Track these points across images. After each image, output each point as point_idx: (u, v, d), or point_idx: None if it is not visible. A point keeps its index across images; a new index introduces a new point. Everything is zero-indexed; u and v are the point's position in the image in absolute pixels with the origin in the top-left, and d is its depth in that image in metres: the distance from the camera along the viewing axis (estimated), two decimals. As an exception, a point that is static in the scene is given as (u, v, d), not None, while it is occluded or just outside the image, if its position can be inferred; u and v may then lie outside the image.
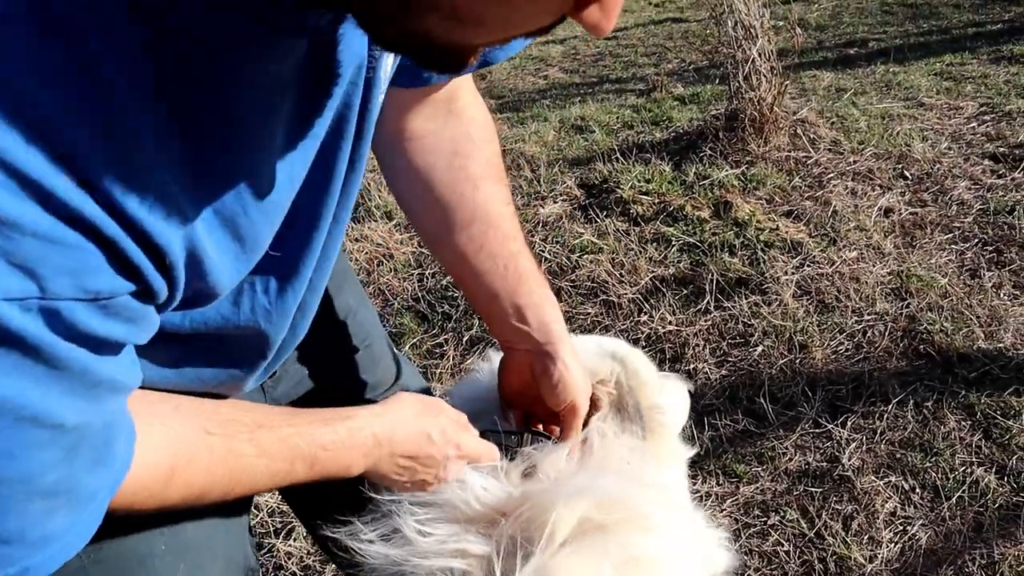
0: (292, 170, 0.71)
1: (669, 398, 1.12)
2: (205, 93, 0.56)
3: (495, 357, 1.14)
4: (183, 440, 0.72)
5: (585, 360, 1.06)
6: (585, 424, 1.07)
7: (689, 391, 1.23)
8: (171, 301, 0.62)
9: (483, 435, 1.00)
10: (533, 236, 3.03)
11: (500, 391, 1.10)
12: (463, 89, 1.06)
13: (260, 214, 0.67)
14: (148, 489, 0.68)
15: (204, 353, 0.82)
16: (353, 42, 0.69)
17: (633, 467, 1.00)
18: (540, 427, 1.09)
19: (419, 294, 2.89)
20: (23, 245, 0.48)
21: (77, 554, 0.61)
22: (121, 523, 0.76)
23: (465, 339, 2.65)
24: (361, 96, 0.75)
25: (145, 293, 0.58)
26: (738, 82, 3.52)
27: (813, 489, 2.01)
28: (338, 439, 0.84)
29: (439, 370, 2.55)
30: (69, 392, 0.55)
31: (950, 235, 2.95)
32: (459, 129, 1.06)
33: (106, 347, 0.57)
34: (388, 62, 0.79)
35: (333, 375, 1.18)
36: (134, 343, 0.61)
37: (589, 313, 2.65)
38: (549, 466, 0.96)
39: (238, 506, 1.01)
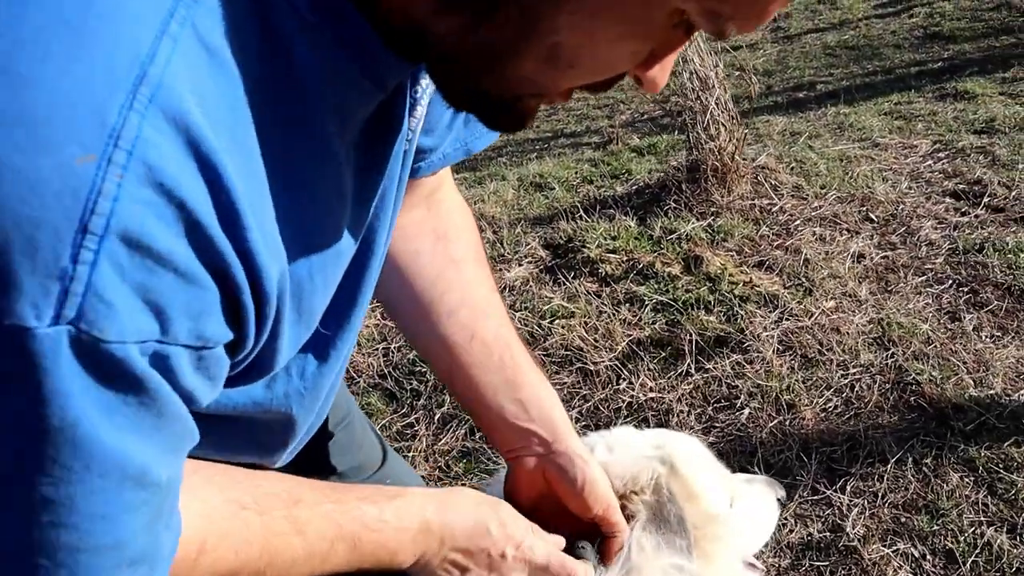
0: (347, 240, 0.65)
1: (746, 510, 0.97)
2: (304, 139, 0.55)
3: (502, 471, 1.01)
4: (216, 513, 0.66)
5: (625, 462, 0.93)
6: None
7: (780, 499, 1.06)
8: (244, 359, 0.59)
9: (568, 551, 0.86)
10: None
11: (518, 500, 0.96)
12: (446, 180, 0.99)
13: (321, 282, 0.62)
14: (177, 565, 0.61)
15: (223, 436, 0.71)
16: (400, 112, 0.66)
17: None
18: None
19: (385, 370, 2.74)
20: (163, 281, 0.46)
21: None
22: None
23: (437, 417, 2.50)
24: (399, 170, 0.72)
25: (235, 345, 0.55)
26: (697, 132, 3.48)
27: (820, 563, 1.89)
28: (385, 519, 0.74)
29: (412, 452, 2.39)
30: (166, 446, 0.52)
31: (924, 278, 2.91)
32: (441, 216, 0.99)
33: (187, 403, 0.54)
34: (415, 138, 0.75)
35: (312, 459, 1.04)
36: (200, 405, 0.56)
37: (566, 383, 2.53)
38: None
39: None
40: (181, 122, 0.45)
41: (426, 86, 0.70)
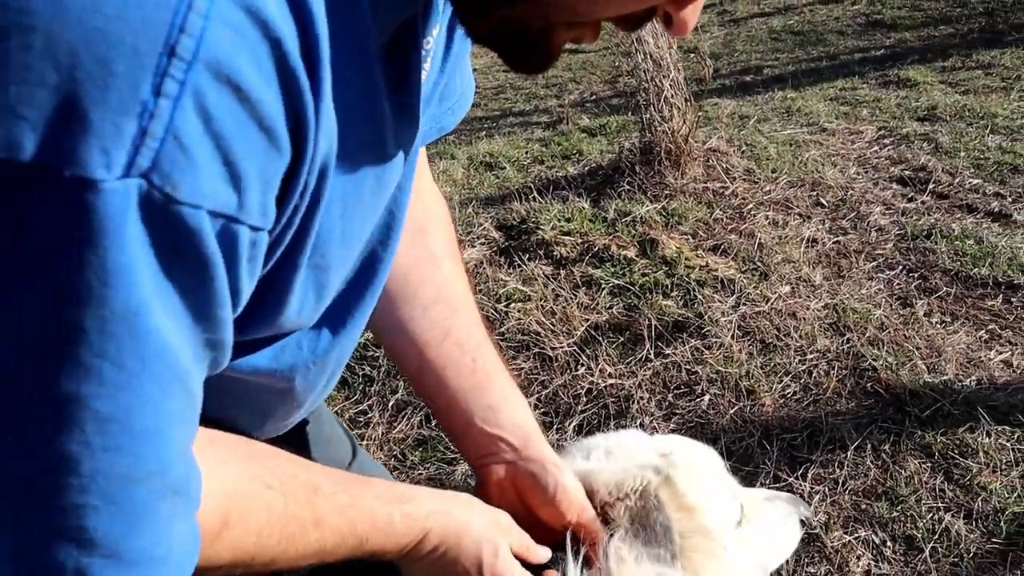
0: (376, 199, 0.61)
1: (763, 528, 0.92)
2: (359, 55, 0.49)
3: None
4: (239, 490, 0.59)
5: (613, 469, 0.87)
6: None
7: (805, 519, 1.00)
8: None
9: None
10: (454, 285, 2.85)
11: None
12: (424, 169, 0.94)
13: (340, 233, 0.56)
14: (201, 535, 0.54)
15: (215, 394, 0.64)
16: (417, 61, 0.60)
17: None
18: None
19: (334, 355, 2.64)
20: (248, 137, 0.39)
21: None
22: None
23: (391, 403, 2.43)
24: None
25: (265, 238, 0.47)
26: (651, 114, 3.45)
27: (783, 551, 1.88)
28: (393, 523, 0.70)
29: (366, 440, 2.31)
30: (202, 353, 0.45)
31: (875, 263, 2.93)
32: (419, 206, 0.91)
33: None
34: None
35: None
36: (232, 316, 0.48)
37: (523, 368, 2.48)
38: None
39: None
40: None
41: (430, 45, 0.63)
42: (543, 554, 0.84)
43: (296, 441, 0.99)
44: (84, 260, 0.36)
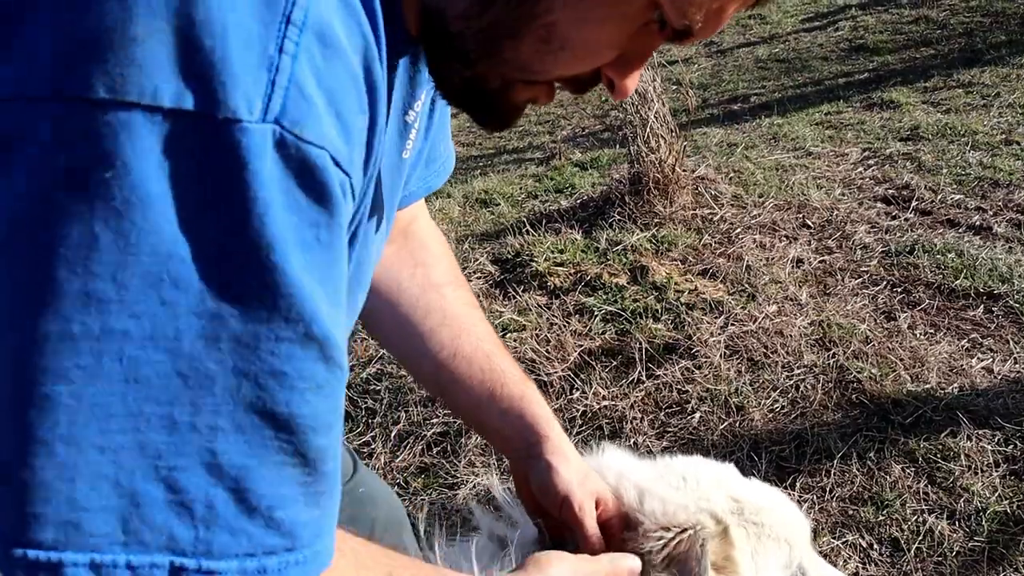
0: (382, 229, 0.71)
1: None
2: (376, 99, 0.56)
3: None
4: None
5: (681, 497, 0.91)
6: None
7: None
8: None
9: None
10: (452, 318, 2.94)
11: (522, 502, 1.03)
12: (421, 212, 1.07)
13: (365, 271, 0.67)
14: None
15: None
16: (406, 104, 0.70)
17: None
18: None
19: (339, 391, 2.74)
20: (348, 94, 0.49)
21: None
22: None
23: (393, 434, 2.51)
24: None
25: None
26: (638, 146, 3.56)
27: (773, 558, 1.95)
28: None
29: (371, 470, 2.39)
30: (339, 319, 0.50)
31: (860, 280, 3.02)
32: (417, 246, 1.06)
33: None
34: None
35: None
36: (343, 301, 0.54)
37: (520, 394, 2.56)
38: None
39: None
40: None
41: (413, 119, 0.73)
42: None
43: None
44: (233, 193, 0.43)
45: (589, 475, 0.96)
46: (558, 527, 0.96)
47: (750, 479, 1.04)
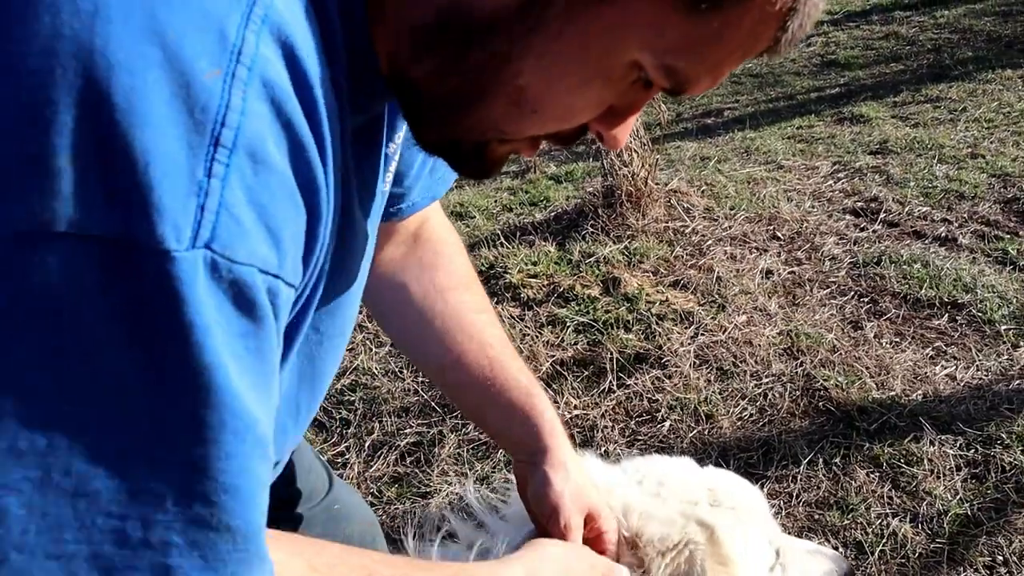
0: (359, 279, 0.71)
1: None
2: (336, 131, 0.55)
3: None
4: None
5: (662, 516, 0.93)
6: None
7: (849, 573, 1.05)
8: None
9: None
10: (427, 330, 2.96)
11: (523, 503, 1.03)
12: (434, 213, 1.07)
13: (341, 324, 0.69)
14: None
15: None
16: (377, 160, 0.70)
17: None
18: None
19: (313, 402, 2.74)
20: (280, 205, 0.47)
21: None
22: None
23: (367, 444, 2.52)
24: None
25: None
26: (611, 159, 3.61)
27: (740, 563, 1.98)
28: None
29: (344, 480, 2.40)
30: (270, 415, 0.50)
31: (828, 290, 3.07)
32: (426, 247, 1.06)
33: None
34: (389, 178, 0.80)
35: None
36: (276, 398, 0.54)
37: (493, 404, 2.58)
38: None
39: None
40: (287, 44, 0.47)
41: (395, 148, 0.75)
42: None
43: (284, 469, 1.10)
44: (164, 321, 0.42)
45: (585, 490, 0.96)
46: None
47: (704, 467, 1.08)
